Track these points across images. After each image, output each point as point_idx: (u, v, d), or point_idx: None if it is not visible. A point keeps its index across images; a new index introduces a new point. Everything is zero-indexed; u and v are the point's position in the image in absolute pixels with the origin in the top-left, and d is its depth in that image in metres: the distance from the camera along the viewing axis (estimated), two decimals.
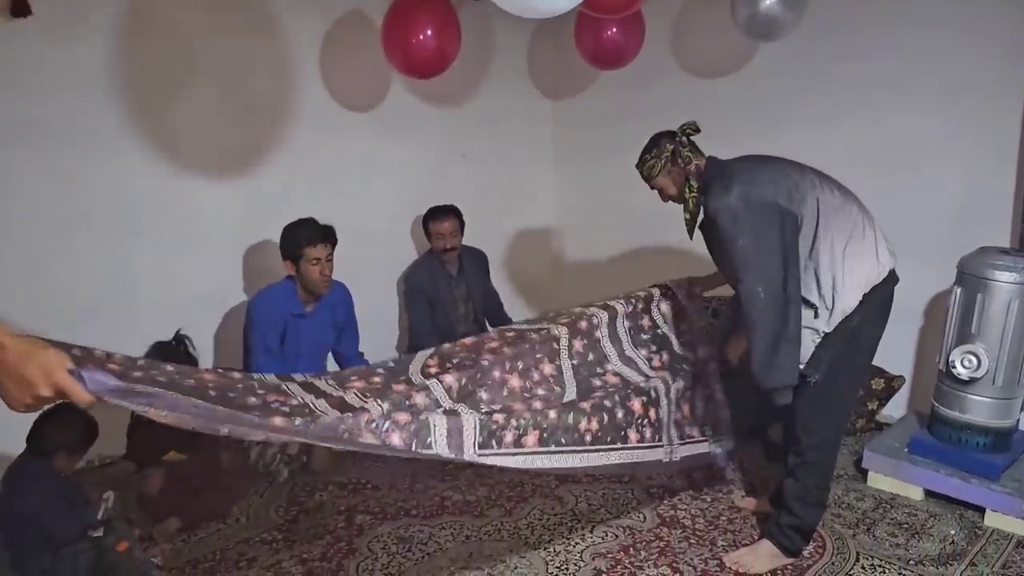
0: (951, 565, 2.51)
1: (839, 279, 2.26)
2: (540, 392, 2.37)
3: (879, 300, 2.31)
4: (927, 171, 3.33)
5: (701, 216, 2.43)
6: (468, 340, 2.51)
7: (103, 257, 3.17)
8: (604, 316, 2.67)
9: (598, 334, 2.63)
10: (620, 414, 2.39)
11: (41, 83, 2.91)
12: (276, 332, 3.19)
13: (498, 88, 4.52)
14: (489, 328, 2.64)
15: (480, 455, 2.03)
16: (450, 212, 3.97)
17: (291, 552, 2.59)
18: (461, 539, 2.69)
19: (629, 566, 2.52)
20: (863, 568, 2.49)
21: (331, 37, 3.73)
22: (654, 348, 2.73)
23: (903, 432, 3.11)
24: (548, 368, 2.45)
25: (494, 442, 2.07)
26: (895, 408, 3.50)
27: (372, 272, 4.00)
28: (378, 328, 4.01)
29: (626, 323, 2.72)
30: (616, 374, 2.57)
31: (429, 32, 3.09)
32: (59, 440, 2.24)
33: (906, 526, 2.75)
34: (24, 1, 2.73)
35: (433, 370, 2.25)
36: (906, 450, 2.99)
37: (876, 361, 2.58)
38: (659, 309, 2.82)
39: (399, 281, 4.26)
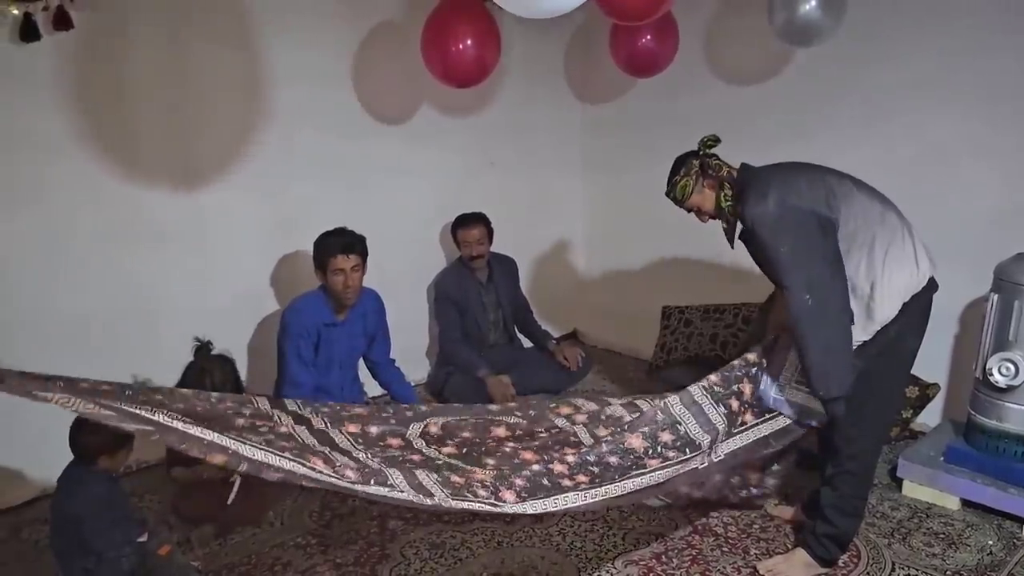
0: None
1: (878, 288, 2.23)
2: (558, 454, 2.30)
3: (918, 309, 2.28)
4: (963, 176, 3.29)
5: (740, 225, 2.41)
6: (475, 419, 2.43)
7: (138, 266, 3.23)
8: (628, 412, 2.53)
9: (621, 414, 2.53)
10: (615, 460, 2.26)
11: (81, 95, 2.98)
12: (309, 341, 3.22)
13: (527, 96, 4.55)
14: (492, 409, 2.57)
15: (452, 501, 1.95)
16: (478, 219, 4.00)
17: (325, 557, 2.61)
18: (493, 545, 2.70)
19: (661, 573, 2.51)
20: None
21: (363, 47, 3.78)
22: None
23: (938, 441, 3.07)
24: (570, 456, 2.30)
25: (466, 493, 2.00)
26: (930, 416, 3.45)
27: (402, 280, 4.04)
28: (408, 335, 4.04)
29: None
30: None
31: (469, 42, 3.11)
32: (94, 446, 2.27)
33: (942, 536, 2.72)
34: (66, 15, 2.83)
35: (434, 431, 2.26)
36: (942, 459, 2.95)
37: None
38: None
39: (429, 288, 4.29)
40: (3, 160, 2.84)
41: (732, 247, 2.48)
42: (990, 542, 2.67)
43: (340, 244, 3.17)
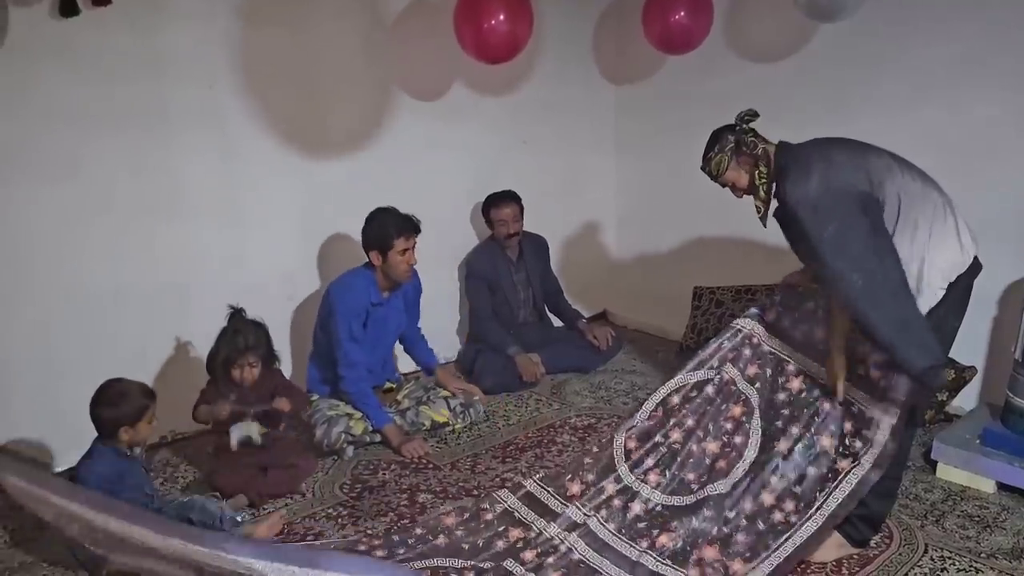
0: None
1: (925, 267, 2.18)
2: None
3: (962, 289, 2.23)
4: (1005, 157, 3.21)
5: (775, 204, 2.38)
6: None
7: (173, 241, 3.27)
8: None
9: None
10: None
11: (119, 70, 3.02)
12: (359, 321, 3.23)
13: (560, 74, 4.52)
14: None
15: None
16: (510, 198, 4.00)
17: (356, 528, 2.64)
18: None
19: None
20: (932, 559, 2.44)
21: (397, 24, 3.77)
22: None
23: (975, 423, 3.02)
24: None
25: None
26: (966, 400, 3.40)
27: (433, 257, 4.04)
28: (439, 313, 4.07)
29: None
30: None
31: (502, 17, 3.09)
32: (112, 419, 2.34)
33: (977, 519, 2.68)
34: None
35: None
36: (978, 442, 2.91)
37: None
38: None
39: (460, 266, 4.30)
40: (41, 135, 2.89)
41: (764, 226, 2.45)
42: None
43: (408, 224, 3.17)
